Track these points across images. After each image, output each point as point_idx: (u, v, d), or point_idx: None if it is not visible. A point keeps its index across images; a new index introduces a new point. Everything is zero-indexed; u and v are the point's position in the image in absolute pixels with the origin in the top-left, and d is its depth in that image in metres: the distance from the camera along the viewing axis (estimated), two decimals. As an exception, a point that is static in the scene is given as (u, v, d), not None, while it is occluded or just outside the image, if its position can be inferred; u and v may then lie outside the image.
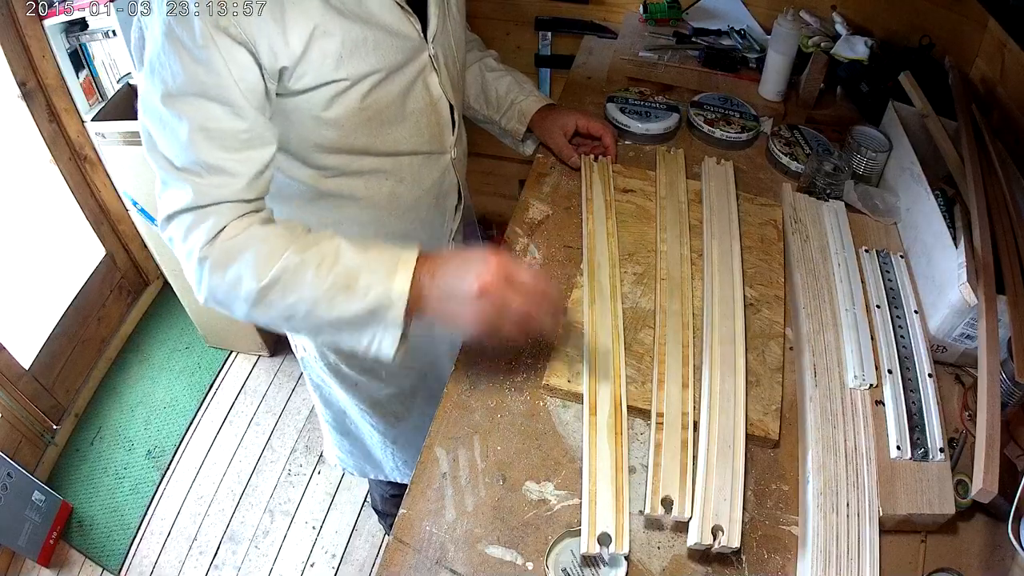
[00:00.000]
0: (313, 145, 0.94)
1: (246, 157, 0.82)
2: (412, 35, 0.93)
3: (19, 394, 1.97)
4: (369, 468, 1.57)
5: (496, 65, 1.30)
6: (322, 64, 0.85)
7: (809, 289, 1.03)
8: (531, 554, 0.80)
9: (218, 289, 0.82)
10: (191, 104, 0.78)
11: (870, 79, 1.39)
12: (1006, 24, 1.11)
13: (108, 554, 1.93)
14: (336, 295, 0.80)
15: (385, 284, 0.79)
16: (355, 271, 0.80)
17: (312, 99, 0.88)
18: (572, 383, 0.94)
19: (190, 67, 0.77)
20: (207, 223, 0.81)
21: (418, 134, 1.01)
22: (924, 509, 0.81)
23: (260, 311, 0.82)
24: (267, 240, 0.81)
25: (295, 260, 0.80)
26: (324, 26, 0.83)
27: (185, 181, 0.80)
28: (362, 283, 0.79)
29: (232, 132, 0.80)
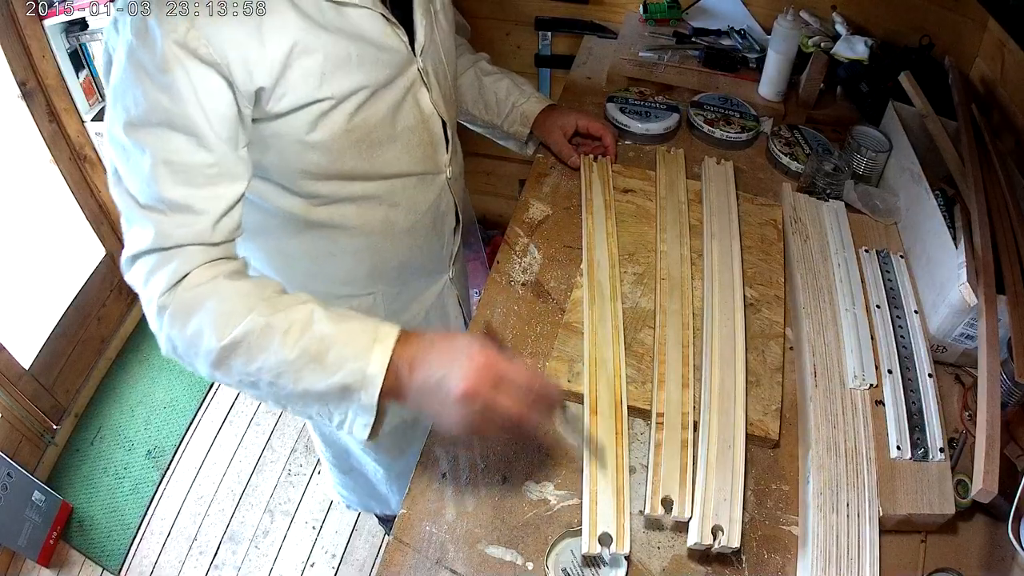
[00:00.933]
0: (299, 172, 0.89)
1: (212, 193, 0.76)
2: (399, 48, 0.88)
3: (19, 394, 1.96)
4: (374, 504, 1.55)
5: (491, 68, 1.28)
6: (304, 83, 0.79)
7: (809, 289, 1.03)
8: (531, 554, 0.80)
9: (178, 343, 0.74)
10: (154, 134, 0.72)
11: (870, 79, 1.38)
12: (1006, 24, 1.11)
13: (108, 554, 1.93)
14: (304, 367, 0.71)
15: (359, 362, 0.70)
16: (327, 343, 0.71)
17: (295, 122, 0.82)
18: (572, 383, 0.94)
19: (152, 94, 0.71)
20: (169, 267, 0.74)
21: (410, 154, 0.96)
22: (924, 509, 0.81)
23: (221, 373, 0.74)
24: (232, 296, 0.74)
25: (260, 322, 0.72)
26: (304, 42, 0.78)
27: (148, 219, 0.74)
28: (333, 357, 0.71)
29: (197, 166, 0.74)
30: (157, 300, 0.74)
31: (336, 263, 1.03)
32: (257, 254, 1.03)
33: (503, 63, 1.31)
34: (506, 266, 1.12)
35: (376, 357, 0.70)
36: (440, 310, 1.23)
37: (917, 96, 1.21)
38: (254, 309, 0.72)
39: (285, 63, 0.77)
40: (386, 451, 1.34)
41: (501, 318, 1.04)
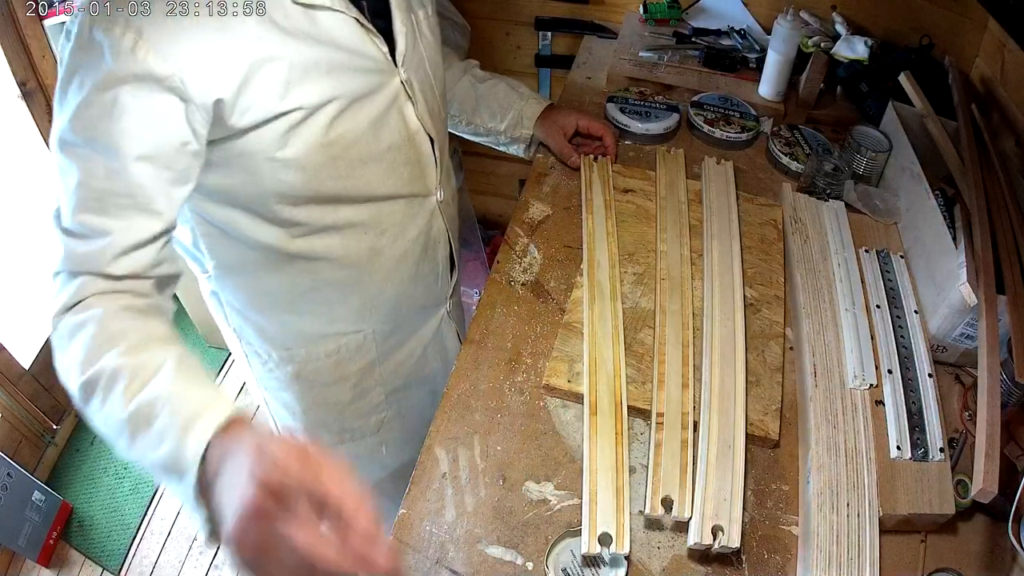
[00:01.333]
0: (274, 195, 0.82)
1: (122, 226, 0.70)
2: (376, 56, 0.83)
3: (19, 394, 1.96)
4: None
5: (484, 74, 1.25)
6: (268, 94, 0.74)
7: (809, 289, 1.03)
8: (531, 554, 0.80)
9: (60, 364, 0.68)
10: (79, 154, 0.68)
11: (870, 79, 1.39)
12: (1006, 24, 1.11)
13: (108, 554, 1.93)
14: (136, 430, 0.60)
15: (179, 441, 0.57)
16: (159, 406, 0.60)
17: (264, 137, 0.76)
18: (572, 383, 0.94)
19: (84, 111, 0.67)
20: (68, 290, 0.70)
21: (395, 173, 0.90)
22: (924, 509, 0.81)
23: (89, 414, 0.65)
24: (108, 330, 0.66)
25: (112, 365, 0.63)
26: (268, 50, 0.72)
27: (60, 239, 0.71)
28: (159, 425, 0.59)
29: (112, 193, 0.69)
30: (51, 320, 0.70)
31: (320, 299, 0.97)
32: (237, 293, 0.98)
33: (503, 63, 1.31)
34: (506, 266, 1.12)
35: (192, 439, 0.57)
36: (438, 345, 1.17)
37: (917, 96, 1.21)
38: (118, 346, 0.64)
39: (247, 73, 0.72)
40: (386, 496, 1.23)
41: (501, 318, 1.04)
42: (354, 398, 1.10)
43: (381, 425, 1.16)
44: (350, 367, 1.06)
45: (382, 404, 1.14)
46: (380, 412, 1.14)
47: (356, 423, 1.14)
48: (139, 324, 0.69)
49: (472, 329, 1.03)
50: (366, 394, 1.10)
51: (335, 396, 1.09)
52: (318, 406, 1.10)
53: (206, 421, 0.58)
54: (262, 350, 1.05)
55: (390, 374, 1.11)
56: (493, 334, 1.02)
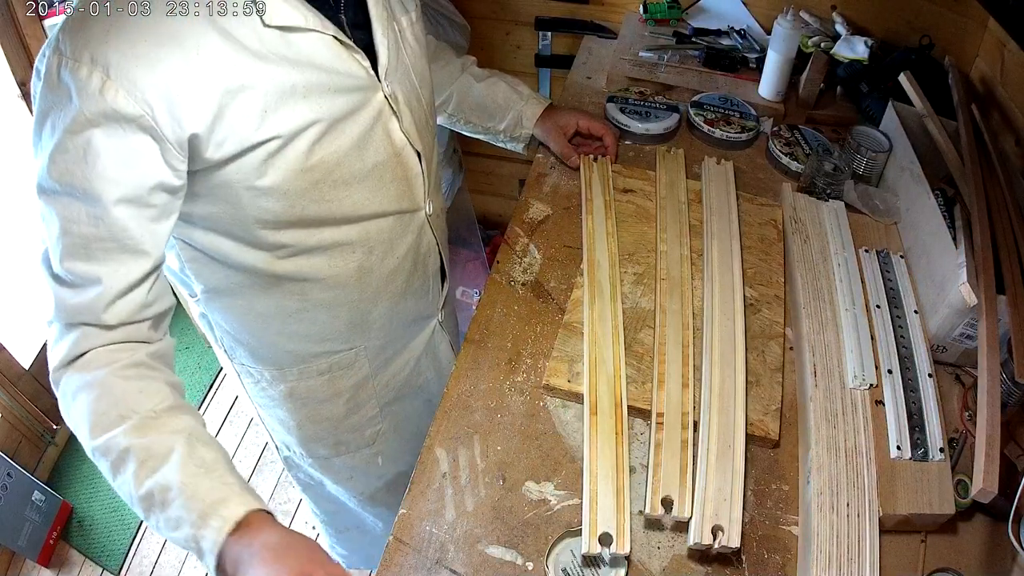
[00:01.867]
0: (256, 222, 0.79)
1: (109, 271, 0.70)
2: (357, 74, 0.79)
3: (19, 394, 1.96)
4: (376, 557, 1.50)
5: (482, 72, 1.23)
6: (244, 124, 0.71)
7: (809, 289, 1.03)
8: (531, 554, 0.80)
9: (68, 419, 0.71)
10: (58, 201, 0.68)
11: (870, 79, 1.39)
12: (1006, 24, 1.11)
13: (108, 554, 1.93)
14: (150, 509, 0.67)
15: (194, 531, 0.65)
16: (172, 495, 0.66)
17: (242, 167, 0.74)
18: (572, 383, 0.94)
19: (59, 156, 0.66)
20: (65, 342, 0.71)
21: (382, 192, 0.87)
22: (924, 509, 0.81)
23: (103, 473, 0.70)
24: (114, 395, 0.69)
25: (122, 444, 0.67)
26: (241, 79, 0.70)
27: (50, 287, 0.71)
28: (173, 513, 0.65)
29: (92, 238, 0.68)
30: (53, 373, 0.72)
31: (310, 319, 0.95)
32: (226, 315, 0.96)
33: (503, 63, 1.31)
34: (506, 266, 1.12)
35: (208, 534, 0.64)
36: (431, 356, 1.16)
37: (917, 96, 1.21)
38: (125, 423, 0.68)
39: (220, 104, 0.69)
40: (384, 504, 1.28)
41: (501, 318, 1.04)
42: (348, 412, 1.09)
43: (376, 437, 1.15)
44: (343, 383, 1.05)
45: (376, 417, 1.13)
46: (375, 425, 1.14)
47: (351, 436, 1.13)
48: (144, 387, 0.70)
49: (472, 329, 1.03)
50: (360, 408, 1.09)
51: (329, 412, 1.08)
52: (312, 422, 1.09)
53: (219, 520, 0.64)
54: (254, 369, 1.03)
55: (383, 388, 1.10)
56: (493, 334, 1.02)
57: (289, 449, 1.17)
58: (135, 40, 0.65)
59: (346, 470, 1.18)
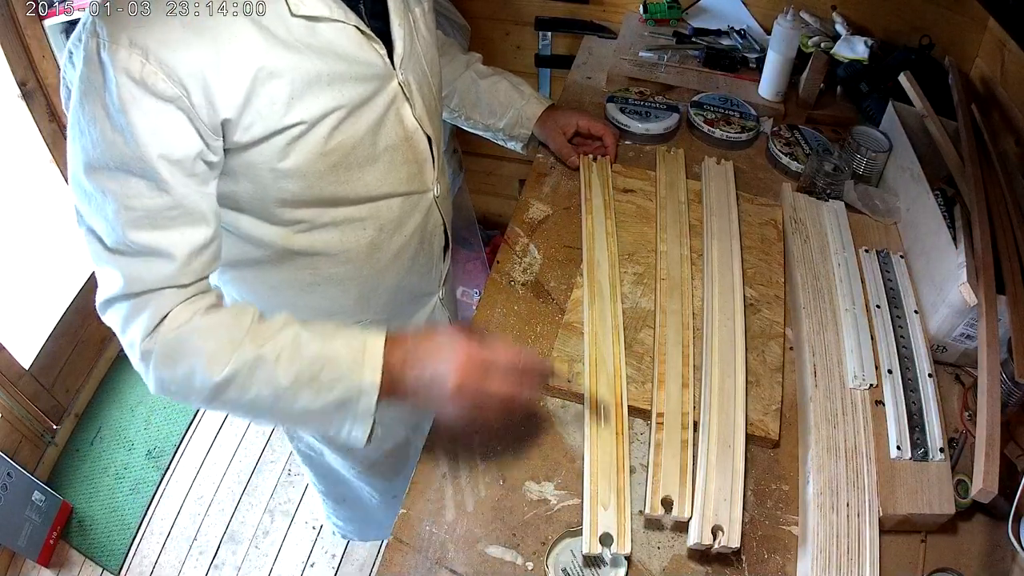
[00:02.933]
0: (276, 201, 0.84)
1: (179, 236, 0.73)
2: (376, 62, 0.83)
3: (19, 394, 1.96)
4: (371, 531, 1.51)
5: (486, 70, 1.25)
6: (271, 110, 0.74)
7: (809, 289, 1.03)
8: (531, 554, 0.80)
9: (169, 383, 0.75)
10: (113, 178, 0.69)
11: (870, 79, 1.39)
12: (1006, 24, 1.11)
13: (108, 554, 1.93)
14: (300, 389, 0.74)
15: (353, 377, 0.74)
16: (319, 364, 0.74)
17: (265, 151, 0.77)
18: (572, 383, 0.94)
19: (108, 135, 0.68)
20: (145, 314, 0.73)
21: (394, 173, 0.91)
22: (924, 509, 0.81)
23: (218, 405, 0.76)
24: (216, 333, 0.74)
25: (251, 355, 0.73)
26: (269, 66, 0.72)
27: (115, 264, 0.72)
28: (326, 377, 0.74)
29: (158, 209, 0.71)
30: (140, 345, 0.74)
31: (321, 293, 0.98)
32: (240, 285, 1.00)
33: (503, 63, 1.31)
34: (506, 266, 1.12)
35: (368, 370, 0.74)
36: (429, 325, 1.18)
37: (917, 96, 1.21)
38: (241, 342, 0.73)
39: (250, 90, 0.72)
40: (381, 475, 1.31)
41: (501, 318, 1.04)
42: None
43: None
44: None
45: None
46: None
47: None
48: (235, 319, 0.76)
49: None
50: None
51: None
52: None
53: (371, 355, 0.74)
54: None
55: None
56: (493, 334, 1.02)
57: None
58: (171, 27, 0.67)
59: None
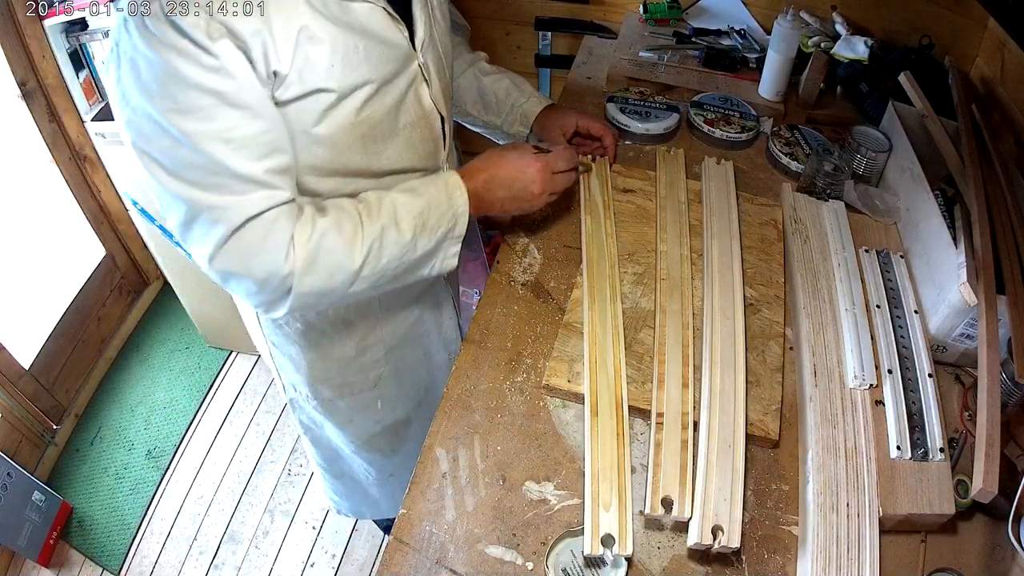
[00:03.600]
0: (305, 167, 0.89)
1: (275, 161, 0.80)
2: (401, 43, 0.89)
3: (19, 394, 1.96)
4: (365, 509, 1.54)
5: (490, 68, 1.27)
6: (311, 71, 0.80)
7: (809, 289, 1.03)
8: (531, 554, 0.80)
9: (313, 290, 0.85)
10: (208, 117, 0.75)
11: (870, 79, 1.39)
12: (1006, 24, 1.11)
13: (108, 554, 1.93)
14: (418, 237, 0.90)
15: (450, 211, 0.92)
16: (424, 214, 0.90)
17: (302, 112, 0.83)
18: (572, 383, 0.94)
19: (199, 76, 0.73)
20: (270, 239, 0.81)
21: (411, 149, 0.98)
22: (924, 509, 0.81)
23: (358, 284, 0.88)
24: (340, 227, 0.85)
25: (375, 230, 0.87)
26: (311, 30, 0.79)
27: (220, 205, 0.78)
28: (433, 220, 0.91)
29: (255, 135, 0.78)
30: (284, 268, 0.82)
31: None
32: None
33: (503, 63, 1.31)
34: (506, 266, 1.12)
35: (458, 201, 0.93)
36: (434, 306, 1.23)
37: (917, 96, 1.21)
38: (362, 225, 0.86)
39: (295, 48, 0.78)
40: (378, 450, 1.34)
41: (501, 318, 1.04)
42: (357, 354, 1.16)
43: (378, 380, 1.22)
44: (356, 325, 1.12)
45: (381, 360, 1.19)
46: (379, 368, 1.20)
47: (356, 377, 1.20)
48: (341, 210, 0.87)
49: (472, 329, 1.03)
50: (368, 350, 1.16)
51: (340, 352, 1.14)
52: (323, 360, 1.15)
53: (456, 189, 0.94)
54: None
55: (389, 332, 1.17)
56: (493, 334, 1.02)
57: (296, 390, 1.24)
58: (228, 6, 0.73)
59: (347, 412, 1.25)
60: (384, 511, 1.52)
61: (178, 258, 1.96)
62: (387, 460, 1.37)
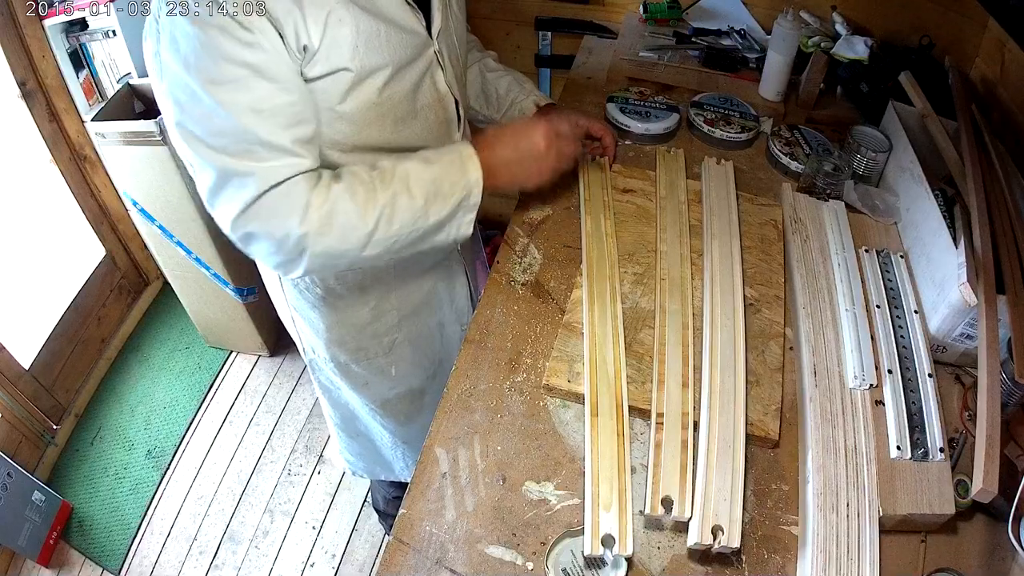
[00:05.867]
0: (329, 142, 0.95)
1: (301, 131, 0.86)
2: (419, 30, 0.94)
3: (19, 394, 1.97)
4: (379, 469, 1.57)
5: (495, 65, 1.30)
6: (337, 51, 0.86)
7: (809, 289, 1.03)
8: (531, 554, 0.80)
9: (327, 251, 0.89)
10: (240, 87, 0.80)
11: (870, 79, 1.39)
12: (1006, 24, 1.11)
13: (108, 554, 1.93)
14: (431, 204, 0.92)
15: (463, 180, 0.94)
16: (438, 181, 0.93)
17: (328, 90, 0.89)
18: (572, 383, 0.94)
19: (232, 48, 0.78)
20: (289, 202, 0.85)
21: (428, 130, 1.03)
22: (924, 509, 0.81)
23: (369, 250, 0.91)
24: (353, 192, 0.88)
25: (387, 195, 0.89)
26: (338, 12, 0.84)
27: (247, 167, 0.82)
28: (447, 188, 0.93)
29: (284, 107, 0.83)
30: (298, 229, 0.86)
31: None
32: None
33: (502, 63, 1.32)
34: (506, 266, 1.12)
35: (471, 170, 0.95)
36: (447, 276, 1.27)
37: (917, 96, 1.21)
38: (375, 190, 0.89)
39: (324, 28, 0.83)
40: (393, 416, 1.38)
41: (501, 318, 1.04)
42: (372, 319, 1.21)
43: (392, 346, 1.27)
44: (371, 291, 1.18)
45: (395, 327, 1.24)
46: (392, 334, 1.25)
47: (371, 342, 1.25)
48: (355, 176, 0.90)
49: (472, 329, 1.03)
50: (382, 316, 1.21)
51: (356, 317, 1.20)
52: (340, 324, 1.21)
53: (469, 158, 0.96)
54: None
55: (403, 300, 1.22)
56: (493, 334, 1.02)
57: (315, 352, 1.29)
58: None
59: (362, 376, 1.30)
60: (397, 473, 1.55)
61: (178, 258, 1.97)
62: (401, 427, 1.41)
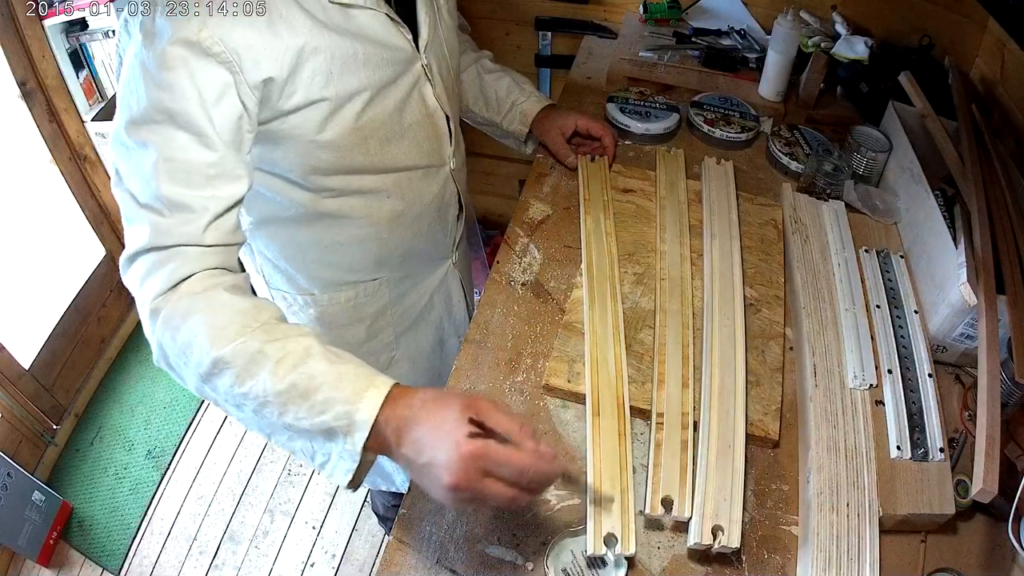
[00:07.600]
0: (310, 168, 0.91)
1: (211, 194, 0.75)
2: (404, 46, 0.91)
3: (19, 394, 1.96)
4: (380, 480, 1.55)
5: (493, 66, 1.28)
6: (312, 82, 0.82)
7: (809, 289, 1.03)
8: (531, 554, 0.80)
9: (169, 350, 0.73)
10: (157, 132, 0.73)
11: (870, 79, 1.39)
12: (1006, 24, 1.11)
13: (108, 554, 1.93)
14: (290, 401, 0.68)
15: (347, 407, 0.67)
16: (318, 381, 0.69)
17: (305, 123, 0.84)
18: (572, 383, 0.94)
19: (154, 92, 0.72)
20: (166, 269, 0.73)
21: (417, 148, 0.99)
22: (924, 509, 0.81)
23: (209, 388, 0.72)
24: (228, 310, 0.72)
25: (254, 347, 0.70)
26: (313, 43, 0.80)
27: (145, 218, 0.74)
28: (321, 397, 0.68)
29: (198, 164, 0.74)
30: (151, 303, 0.73)
31: (343, 252, 1.07)
32: (269, 243, 1.07)
33: (502, 63, 1.31)
34: (506, 266, 1.12)
35: (365, 405, 0.67)
36: (444, 292, 1.26)
37: (917, 96, 1.21)
38: (250, 331, 0.71)
39: (296, 61, 0.79)
40: None
41: (501, 318, 1.04)
42: (368, 337, 1.19)
43: (390, 363, 1.25)
44: (366, 310, 1.16)
45: (392, 344, 1.23)
46: (390, 351, 1.24)
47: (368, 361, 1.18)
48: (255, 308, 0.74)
49: (472, 329, 1.03)
50: (378, 334, 1.20)
51: (351, 336, 1.17)
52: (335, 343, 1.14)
53: (375, 390, 0.68)
54: (288, 294, 1.14)
55: (400, 317, 1.20)
56: (493, 334, 1.02)
57: None
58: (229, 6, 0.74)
59: None
60: (399, 485, 1.54)
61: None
62: None
